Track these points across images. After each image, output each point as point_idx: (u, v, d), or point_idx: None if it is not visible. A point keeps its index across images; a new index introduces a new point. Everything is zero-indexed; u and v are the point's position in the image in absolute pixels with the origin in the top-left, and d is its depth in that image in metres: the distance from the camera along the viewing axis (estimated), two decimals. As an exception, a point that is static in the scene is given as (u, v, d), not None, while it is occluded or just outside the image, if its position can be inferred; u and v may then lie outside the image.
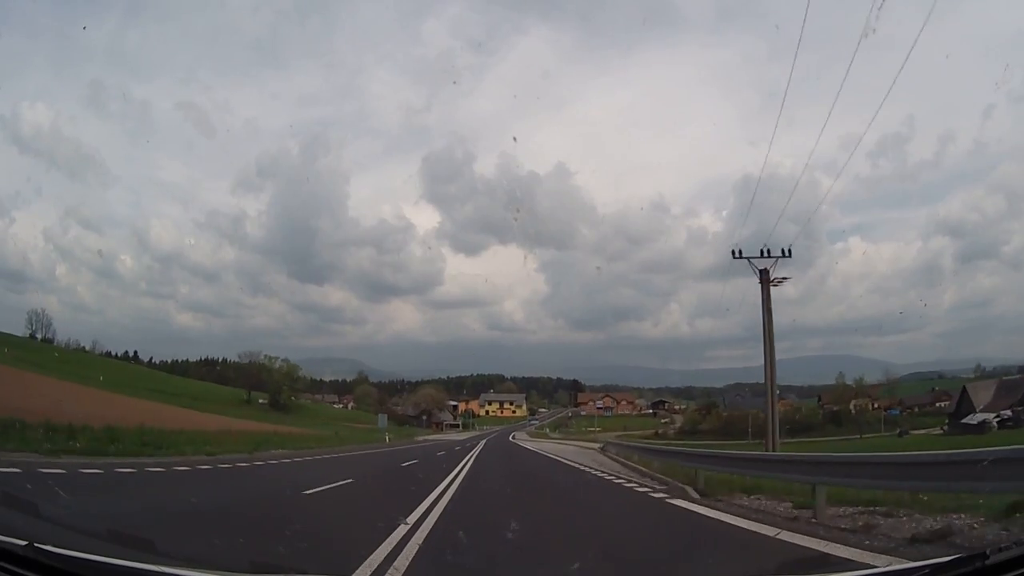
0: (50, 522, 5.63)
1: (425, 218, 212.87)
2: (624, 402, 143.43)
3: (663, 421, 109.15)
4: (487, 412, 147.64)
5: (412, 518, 7.61)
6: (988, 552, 2.33)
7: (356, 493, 12.64)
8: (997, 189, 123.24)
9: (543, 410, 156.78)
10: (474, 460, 23.61)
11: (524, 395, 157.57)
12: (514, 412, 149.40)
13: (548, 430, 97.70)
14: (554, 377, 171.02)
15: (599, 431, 79.88)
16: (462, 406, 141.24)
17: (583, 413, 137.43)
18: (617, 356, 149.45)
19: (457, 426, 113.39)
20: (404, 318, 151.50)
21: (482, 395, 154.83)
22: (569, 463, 23.17)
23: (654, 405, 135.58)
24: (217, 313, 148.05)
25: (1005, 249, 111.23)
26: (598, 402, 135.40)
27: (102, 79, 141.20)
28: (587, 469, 19.48)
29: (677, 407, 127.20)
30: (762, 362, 23.34)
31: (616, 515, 9.95)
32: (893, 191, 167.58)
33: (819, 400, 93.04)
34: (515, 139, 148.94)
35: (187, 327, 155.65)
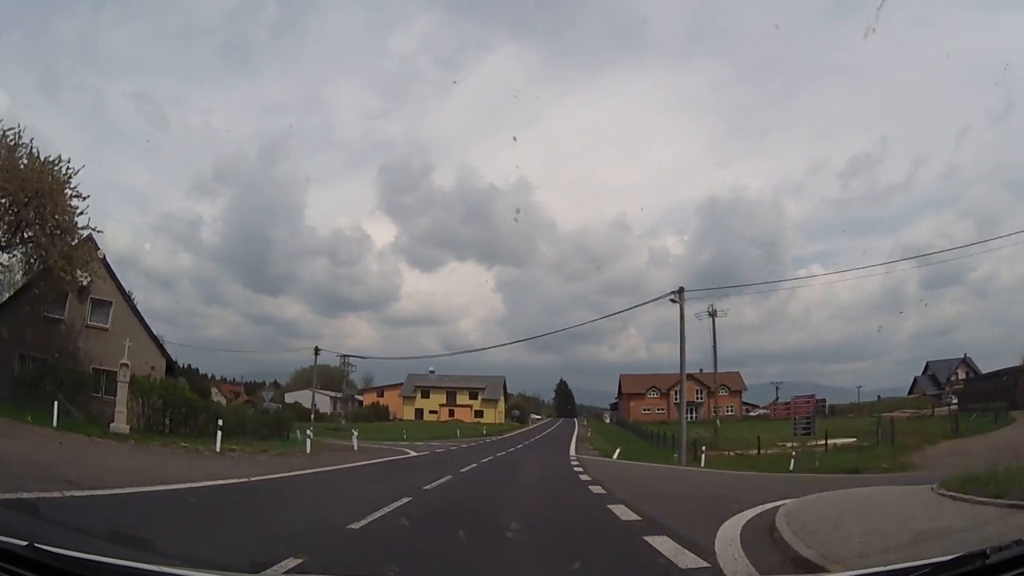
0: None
1: (381, 230, 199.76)
2: (723, 388, 72.86)
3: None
4: (422, 413, 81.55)
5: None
6: (988, 551, 2.25)
7: None
8: (967, 213, 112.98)
9: (537, 416, 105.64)
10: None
11: (503, 380, 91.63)
12: (479, 417, 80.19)
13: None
14: (514, 393, 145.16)
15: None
16: (367, 399, 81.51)
17: (606, 414, 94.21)
18: (574, 379, 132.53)
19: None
20: (359, 334, 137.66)
21: (408, 376, 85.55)
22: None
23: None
24: (171, 322, 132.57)
25: (971, 276, 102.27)
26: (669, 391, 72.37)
27: (61, 72, 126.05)
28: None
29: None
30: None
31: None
32: (860, 215, 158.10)
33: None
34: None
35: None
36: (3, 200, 20.05)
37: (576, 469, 18.72)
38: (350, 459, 21.46)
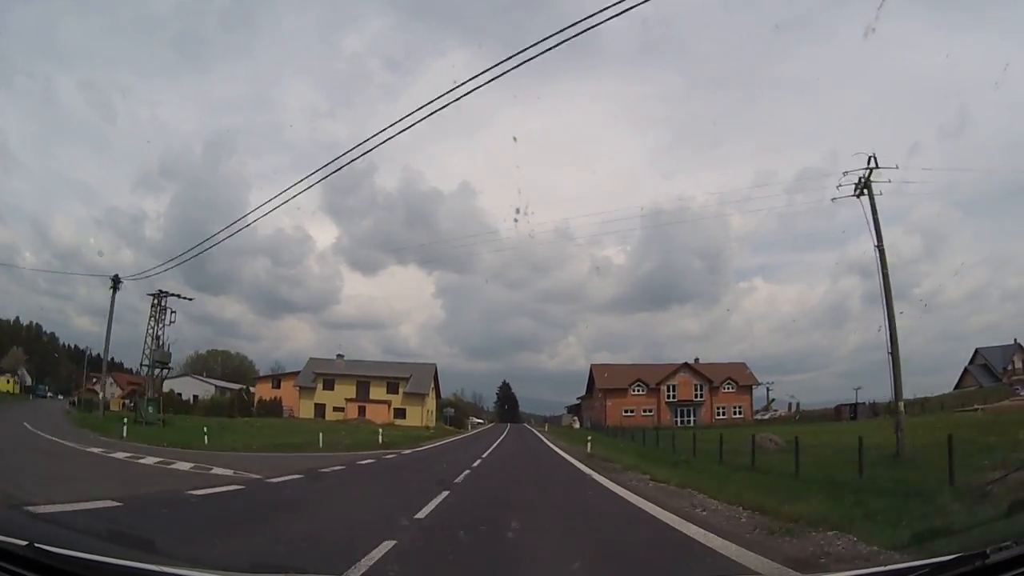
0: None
1: (323, 232, 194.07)
2: (728, 383, 65.15)
3: None
4: (324, 410, 60.26)
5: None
6: (988, 551, 2.25)
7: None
8: (915, 230, 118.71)
9: (479, 420, 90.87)
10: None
11: (433, 368, 69.91)
12: (400, 417, 59.58)
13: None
14: (451, 398, 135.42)
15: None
16: (260, 391, 63.12)
17: (572, 418, 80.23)
18: (514, 387, 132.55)
19: None
20: (299, 337, 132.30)
21: (308, 362, 65.53)
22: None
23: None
24: (115, 318, 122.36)
25: (915, 291, 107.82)
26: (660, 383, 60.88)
27: (10, 58, 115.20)
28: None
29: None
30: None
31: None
32: (805, 228, 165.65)
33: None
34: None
35: (84, 331, 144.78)
36: None
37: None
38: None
